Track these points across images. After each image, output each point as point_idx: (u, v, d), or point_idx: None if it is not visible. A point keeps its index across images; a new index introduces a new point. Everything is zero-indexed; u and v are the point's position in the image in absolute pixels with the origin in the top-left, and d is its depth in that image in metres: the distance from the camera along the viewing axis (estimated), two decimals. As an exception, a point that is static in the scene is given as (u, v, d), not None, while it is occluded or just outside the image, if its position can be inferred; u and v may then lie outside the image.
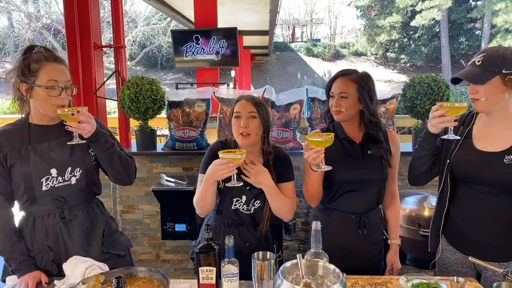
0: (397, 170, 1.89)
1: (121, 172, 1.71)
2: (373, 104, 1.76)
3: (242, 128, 1.67)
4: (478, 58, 1.49)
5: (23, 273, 1.52)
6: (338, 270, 1.23)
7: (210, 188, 1.63)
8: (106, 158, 1.66)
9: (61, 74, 1.55)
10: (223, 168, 1.52)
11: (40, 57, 1.53)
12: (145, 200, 3.12)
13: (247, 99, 1.73)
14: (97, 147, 1.62)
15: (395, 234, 1.93)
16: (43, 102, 1.54)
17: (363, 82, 1.74)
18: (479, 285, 1.51)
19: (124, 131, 3.25)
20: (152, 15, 20.89)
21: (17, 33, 21.30)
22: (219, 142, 1.85)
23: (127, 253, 1.81)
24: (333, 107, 1.75)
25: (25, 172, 1.55)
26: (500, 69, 1.44)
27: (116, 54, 3.21)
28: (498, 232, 1.55)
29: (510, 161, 1.49)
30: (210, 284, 1.39)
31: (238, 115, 1.71)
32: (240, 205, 1.75)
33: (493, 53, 1.48)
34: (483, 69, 1.47)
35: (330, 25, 31.51)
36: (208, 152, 1.79)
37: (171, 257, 3.21)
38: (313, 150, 1.54)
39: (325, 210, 1.87)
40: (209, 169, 1.60)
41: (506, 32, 18.87)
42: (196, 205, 1.73)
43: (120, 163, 1.68)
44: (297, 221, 2.92)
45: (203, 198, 1.67)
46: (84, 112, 1.52)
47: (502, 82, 1.46)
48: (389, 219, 1.94)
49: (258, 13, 8.35)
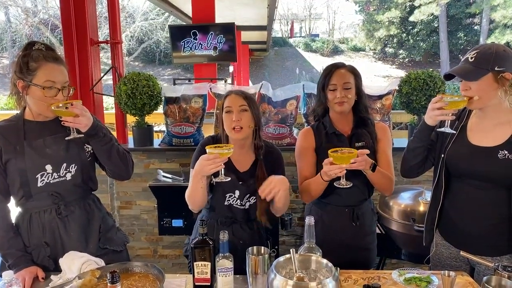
0: (389, 157, 1.89)
1: (120, 166, 1.72)
2: (363, 96, 1.87)
3: (235, 122, 1.66)
4: (471, 55, 1.50)
5: (20, 268, 1.53)
6: (331, 265, 1.24)
7: (199, 183, 1.63)
8: (105, 153, 1.66)
9: (59, 75, 1.55)
10: (210, 163, 1.52)
11: (40, 56, 1.53)
12: (142, 195, 3.13)
13: (237, 93, 1.72)
14: (96, 142, 1.63)
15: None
16: (38, 101, 1.54)
17: (357, 73, 1.85)
18: (470, 279, 1.53)
19: (121, 127, 3.26)
20: (150, 10, 20.80)
21: (14, 28, 21.19)
22: (210, 137, 1.85)
23: (123, 249, 1.82)
24: (338, 98, 1.78)
25: (20, 168, 1.55)
26: (492, 66, 1.45)
27: (113, 49, 3.20)
28: (491, 227, 1.56)
29: (504, 156, 1.49)
30: (205, 279, 1.40)
31: (229, 110, 1.69)
32: (233, 200, 1.76)
33: (486, 50, 1.48)
34: (476, 66, 1.47)
35: (328, 20, 31.46)
36: (199, 147, 1.79)
37: (168, 252, 3.23)
38: (336, 166, 1.57)
39: (319, 204, 1.91)
40: (196, 164, 1.60)
41: (504, 27, 18.82)
42: (188, 200, 1.73)
43: (119, 158, 1.69)
44: (294, 216, 2.94)
45: (193, 193, 1.68)
46: (78, 104, 1.53)
47: (494, 80, 1.46)
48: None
49: (256, 8, 8.33)
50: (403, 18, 21.65)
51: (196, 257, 1.40)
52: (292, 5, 42.31)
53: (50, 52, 1.57)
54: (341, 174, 1.59)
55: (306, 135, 1.91)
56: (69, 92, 1.59)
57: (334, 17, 31.42)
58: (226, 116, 1.70)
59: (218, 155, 1.51)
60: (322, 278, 1.19)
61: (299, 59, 24.37)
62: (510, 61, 1.46)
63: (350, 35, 28.05)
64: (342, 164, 1.56)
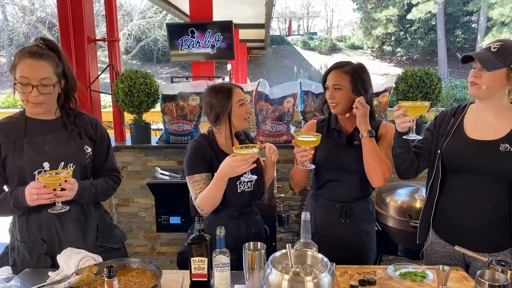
0: (388, 151, 1.84)
1: (105, 198, 1.82)
2: (368, 95, 1.80)
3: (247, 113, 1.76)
4: (495, 45, 1.49)
5: (21, 191, 1.50)
6: (326, 259, 1.25)
7: (223, 185, 1.65)
8: (91, 200, 1.72)
9: (33, 71, 1.50)
10: (243, 163, 1.55)
11: (24, 51, 1.52)
12: (140, 193, 3.14)
13: (240, 87, 1.79)
14: (82, 200, 1.66)
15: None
16: (22, 100, 1.55)
17: (356, 74, 1.78)
18: (464, 273, 1.54)
19: (119, 125, 3.26)
20: (147, 9, 20.74)
21: (11, 26, 21.09)
22: (201, 140, 1.80)
23: (121, 246, 1.83)
24: (328, 100, 1.81)
25: (18, 165, 1.56)
26: (510, 62, 1.45)
27: (110, 47, 3.20)
28: (489, 223, 1.57)
29: (506, 149, 1.50)
30: (202, 274, 1.41)
31: (242, 103, 1.76)
32: (243, 185, 1.78)
33: (510, 44, 1.48)
34: (496, 57, 1.47)
35: (326, 18, 31.47)
36: (193, 151, 1.76)
37: (166, 249, 3.23)
38: (301, 148, 1.63)
39: (314, 196, 1.96)
40: (224, 167, 1.60)
41: (502, 25, 18.87)
42: (205, 205, 1.70)
43: (102, 197, 1.75)
44: (291, 213, 2.95)
45: (215, 197, 1.67)
46: (71, 180, 1.50)
47: (506, 76, 1.46)
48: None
49: (254, 6, 8.32)
50: (400, 16, 21.69)
51: (193, 252, 1.40)
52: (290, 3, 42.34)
53: (35, 48, 1.54)
54: (307, 157, 1.64)
55: (309, 126, 1.97)
56: (53, 89, 1.55)
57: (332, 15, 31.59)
58: (239, 109, 1.75)
59: (253, 155, 1.55)
60: (318, 272, 1.20)
61: (297, 57, 24.37)
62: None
63: (348, 33, 28.08)
64: (304, 146, 1.62)
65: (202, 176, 1.71)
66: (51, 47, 1.58)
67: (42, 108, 1.58)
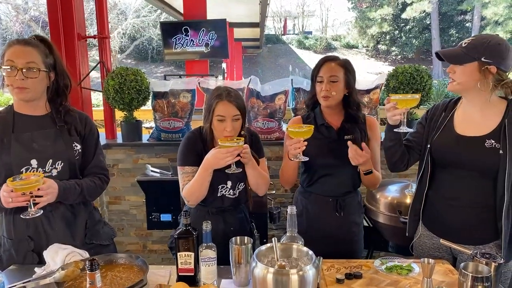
0: (377, 156, 1.91)
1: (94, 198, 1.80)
2: (355, 91, 1.85)
3: (227, 132, 1.67)
4: (466, 41, 1.53)
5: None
6: (312, 253, 1.26)
7: (208, 176, 1.66)
8: (77, 200, 1.68)
9: (20, 55, 1.50)
10: (228, 155, 1.55)
11: (11, 40, 1.54)
12: (131, 191, 3.13)
13: (230, 100, 1.67)
14: (67, 201, 1.63)
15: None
16: (7, 84, 1.53)
17: (349, 67, 1.82)
18: (450, 267, 1.55)
19: (110, 123, 3.25)
20: (142, 7, 20.67)
21: (4, 25, 20.95)
22: (196, 132, 1.82)
23: (111, 243, 1.82)
24: (323, 92, 1.78)
25: (5, 162, 1.54)
26: (480, 56, 1.46)
27: (101, 44, 3.19)
28: (475, 216, 1.58)
29: (491, 145, 1.52)
30: (189, 269, 1.41)
31: (222, 119, 1.68)
32: (226, 191, 1.78)
33: (481, 39, 1.50)
34: (465, 52, 1.49)
35: (321, 17, 31.52)
36: (187, 142, 1.78)
37: (158, 247, 3.23)
38: (294, 140, 1.62)
39: (305, 193, 1.95)
40: (209, 158, 1.62)
41: (495, 24, 19.00)
42: (190, 197, 1.72)
43: (89, 197, 1.72)
44: (282, 210, 2.95)
45: (200, 188, 1.68)
46: (44, 186, 1.44)
47: (478, 70, 1.48)
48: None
49: (248, 5, 8.32)
50: (395, 15, 21.78)
51: (180, 247, 1.40)
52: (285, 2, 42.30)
53: (30, 39, 1.55)
54: (300, 150, 1.63)
55: (295, 121, 1.95)
56: (38, 73, 1.53)
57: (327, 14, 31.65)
58: (219, 124, 1.69)
59: (237, 148, 1.55)
60: (303, 265, 1.20)
61: (292, 56, 24.40)
62: (501, 56, 1.47)
63: (343, 32, 28.17)
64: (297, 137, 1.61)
65: (193, 169, 1.72)
66: (43, 41, 1.60)
67: (27, 94, 1.54)
